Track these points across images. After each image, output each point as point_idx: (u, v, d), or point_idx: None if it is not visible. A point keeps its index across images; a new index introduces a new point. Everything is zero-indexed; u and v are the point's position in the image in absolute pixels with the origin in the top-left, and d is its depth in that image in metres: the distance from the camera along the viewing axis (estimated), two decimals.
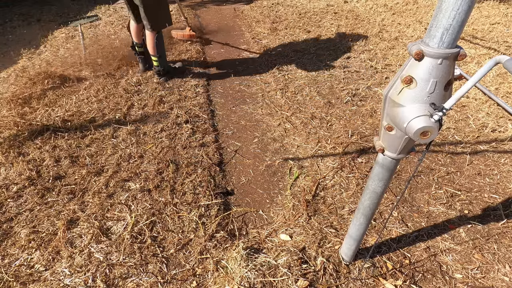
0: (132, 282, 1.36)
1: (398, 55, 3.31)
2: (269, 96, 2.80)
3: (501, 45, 3.40)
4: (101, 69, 3.05)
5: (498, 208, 1.69)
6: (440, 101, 0.75)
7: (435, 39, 0.69)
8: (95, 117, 2.39)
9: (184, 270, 1.43)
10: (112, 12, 4.65)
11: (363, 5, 4.97)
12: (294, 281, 1.32)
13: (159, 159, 2.01)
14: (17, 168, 1.89)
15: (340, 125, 2.33)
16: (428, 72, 0.72)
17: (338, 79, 2.93)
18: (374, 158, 2.04)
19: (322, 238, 1.54)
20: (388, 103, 0.82)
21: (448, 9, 0.64)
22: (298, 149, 2.16)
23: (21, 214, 1.65)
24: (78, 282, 1.35)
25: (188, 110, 2.51)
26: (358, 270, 1.39)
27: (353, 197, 1.77)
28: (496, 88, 2.68)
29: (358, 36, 3.82)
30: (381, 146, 0.94)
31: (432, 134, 0.74)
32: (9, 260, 1.44)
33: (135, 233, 1.56)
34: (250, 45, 3.84)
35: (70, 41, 3.67)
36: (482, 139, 2.17)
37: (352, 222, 1.23)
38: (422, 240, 1.54)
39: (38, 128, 2.23)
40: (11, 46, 3.56)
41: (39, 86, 2.69)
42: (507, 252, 1.48)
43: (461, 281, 1.37)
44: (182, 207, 1.71)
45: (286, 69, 3.18)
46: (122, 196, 1.76)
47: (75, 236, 1.55)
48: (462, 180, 1.87)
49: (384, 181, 1.01)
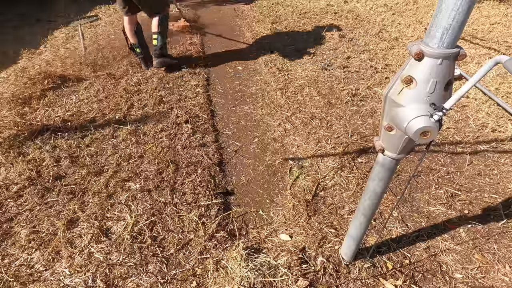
0: (132, 282, 1.37)
1: (398, 55, 3.31)
2: (269, 96, 2.80)
3: (501, 45, 3.40)
4: (101, 69, 3.05)
5: (498, 208, 1.69)
6: (440, 101, 0.75)
7: (435, 39, 0.69)
8: (95, 117, 2.39)
9: (184, 270, 1.43)
10: (112, 12, 4.65)
11: (363, 5, 4.97)
12: (294, 281, 1.32)
13: (159, 159, 2.01)
14: (17, 168, 1.89)
15: (340, 125, 2.33)
16: (428, 72, 0.72)
17: (338, 79, 2.93)
18: (374, 158, 2.04)
19: (322, 238, 1.54)
20: (388, 103, 0.82)
21: (448, 9, 0.64)
22: (298, 149, 2.16)
23: (21, 214, 1.65)
24: (78, 282, 1.35)
25: (188, 110, 2.51)
26: (358, 270, 1.39)
27: (353, 197, 1.77)
28: (496, 88, 2.68)
29: (358, 36, 3.82)
30: (381, 146, 0.94)
31: (432, 134, 0.74)
32: (9, 260, 1.44)
33: (135, 233, 1.56)
34: (250, 45, 3.84)
35: (70, 41, 3.67)
36: (482, 139, 2.17)
37: (352, 222, 1.23)
38: (422, 240, 1.54)
39: (38, 128, 2.23)
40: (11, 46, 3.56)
41: (39, 86, 2.69)
42: (507, 252, 1.48)
43: (461, 281, 1.37)
44: (182, 207, 1.71)
45: (286, 69, 3.18)
46: (122, 196, 1.76)
47: (75, 236, 1.55)
48: (462, 180, 1.87)
49: (384, 181, 1.01)
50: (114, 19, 4.32)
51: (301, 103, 2.62)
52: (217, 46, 3.87)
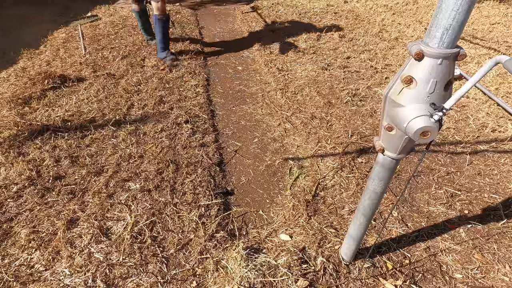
0: (132, 282, 1.36)
1: (398, 55, 3.31)
2: (269, 96, 2.80)
3: (501, 45, 3.41)
4: (101, 69, 3.05)
5: (498, 208, 1.69)
6: (440, 101, 0.75)
7: (435, 39, 0.69)
8: (95, 117, 2.39)
9: (184, 270, 1.43)
10: (112, 12, 4.65)
11: (363, 5, 4.97)
12: (294, 281, 1.32)
13: (159, 159, 2.01)
14: (17, 168, 1.89)
15: (340, 125, 2.33)
16: (428, 72, 0.72)
17: (338, 79, 2.93)
18: (374, 158, 2.04)
19: (322, 238, 1.54)
20: (388, 103, 0.82)
21: (448, 9, 0.64)
22: (298, 149, 2.16)
23: (21, 214, 1.65)
24: (78, 282, 1.35)
25: (188, 110, 2.51)
26: (358, 270, 1.39)
27: (353, 197, 1.77)
28: (496, 88, 2.68)
29: (358, 36, 3.82)
30: (381, 146, 0.94)
31: (432, 134, 0.74)
32: (9, 260, 1.44)
33: (135, 233, 1.56)
34: (250, 45, 3.84)
35: (70, 41, 3.67)
36: (482, 139, 2.17)
37: (352, 222, 1.23)
38: (422, 240, 1.54)
39: (38, 128, 2.23)
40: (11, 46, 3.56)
41: (39, 86, 2.69)
42: (507, 252, 1.48)
43: (461, 281, 1.37)
44: (182, 207, 1.71)
45: (286, 69, 3.18)
46: (122, 196, 1.76)
47: (75, 236, 1.55)
48: (462, 180, 1.87)
49: (384, 181, 1.01)
50: (114, 19, 4.32)
51: (301, 103, 2.62)
52: (217, 46, 3.87)
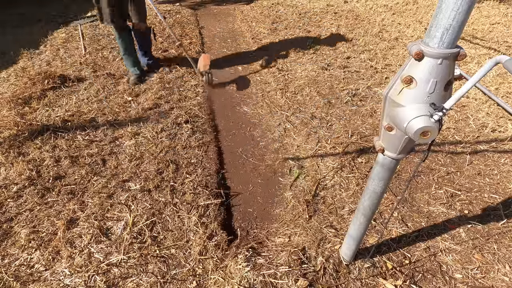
0: (132, 282, 1.36)
1: (398, 55, 3.31)
2: (269, 96, 2.79)
3: (501, 45, 3.41)
4: (101, 69, 3.05)
5: (498, 208, 1.69)
6: (440, 101, 0.75)
7: (435, 39, 0.69)
8: (95, 117, 2.39)
9: (184, 270, 1.43)
10: None
11: (363, 5, 4.97)
12: (294, 281, 1.32)
13: (159, 159, 2.01)
14: (17, 168, 1.89)
15: (340, 125, 2.33)
16: (428, 72, 0.72)
17: (338, 79, 2.93)
18: (374, 158, 2.03)
19: (322, 238, 1.54)
20: (388, 103, 0.82)
21: (448, 9, 0.64)
22: (298, 149, 2.16)
23: (21, 214, 1.65)
24: (78, 282, 1.35)
25: (188, 110, 2.51)
26: (358, 270, 1.39)
27: (353, 197, 1.77)
28: (496, 88, 2.68)
29: (358, 36, 3.82)
30: (381, 146, 0.94)
31: (432, 134, 0.74)
32: (9, 260, 1.44)
33: (135, 233, 1.56)
34: (250, 45, 3.84)
35: (70, 41, 3.67)
36: (482, 139, 2.16)
37: (352, 222, 1.23)
38: (422, 240, 1.54)
39: (38, 128, 2.23)
40: (11, 46, 3.56)
41: (39, 86, 2.69)
42: (507, 252, 1.48)
43: (461, 281, 1.37)
44: (182, 207, 1.71)
45: (286, 69, 3.18)
46: (122, 196, 1.76)
47: (75, 236, 1.55)
48: (462, 180, 1.87)
49: (384, 181, 1.01)
50: None
51: (301, 103, 2.61)
52: (217, 46, 3.87)
